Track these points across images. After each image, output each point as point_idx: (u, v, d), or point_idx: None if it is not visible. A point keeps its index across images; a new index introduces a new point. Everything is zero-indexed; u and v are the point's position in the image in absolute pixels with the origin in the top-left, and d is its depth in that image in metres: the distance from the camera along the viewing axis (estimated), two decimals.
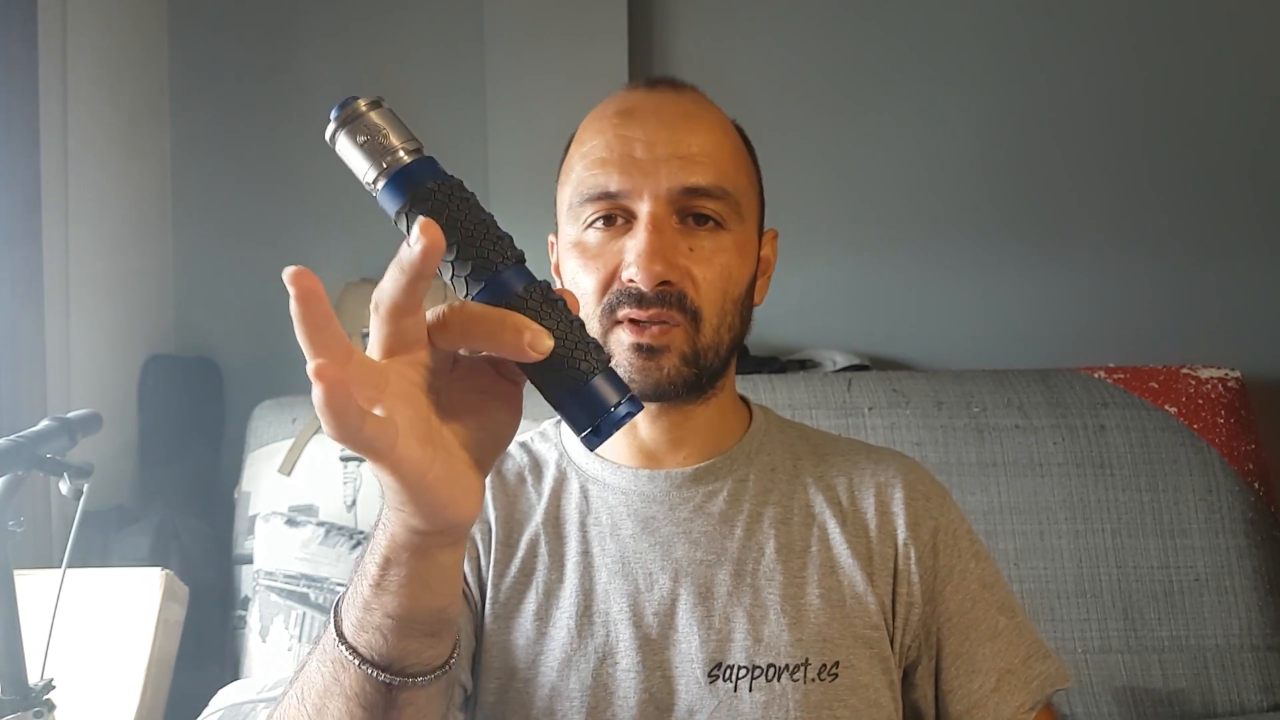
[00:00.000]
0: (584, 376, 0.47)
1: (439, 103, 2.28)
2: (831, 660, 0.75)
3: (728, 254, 0.76)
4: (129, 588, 1.42)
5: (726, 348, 0.78)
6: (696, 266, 0.75)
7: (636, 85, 0.81)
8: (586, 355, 0.47)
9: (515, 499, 0.83)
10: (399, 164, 0.47)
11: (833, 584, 0.79)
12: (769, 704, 0.73)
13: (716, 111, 0.81)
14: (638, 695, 0.74)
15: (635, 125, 0.76)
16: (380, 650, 0.52)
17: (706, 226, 0.76)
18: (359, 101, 0.47)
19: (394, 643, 0.52)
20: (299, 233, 2.28)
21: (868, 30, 2.27)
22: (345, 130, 0.47)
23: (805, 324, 2.17)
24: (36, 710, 1.01)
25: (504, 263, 0.47)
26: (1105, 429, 1.70)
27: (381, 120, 0.47)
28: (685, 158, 0.75)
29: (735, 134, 0.82)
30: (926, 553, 0.82)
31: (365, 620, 0.52)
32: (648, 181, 0.74)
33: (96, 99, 1.93)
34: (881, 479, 0.84)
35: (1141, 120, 2.24)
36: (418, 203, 0.46)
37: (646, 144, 0.75)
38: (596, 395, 0.47)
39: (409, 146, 0.47)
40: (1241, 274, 2.21)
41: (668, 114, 0.77)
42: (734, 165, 0.78)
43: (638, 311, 0.74)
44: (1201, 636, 1.61)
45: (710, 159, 0.76)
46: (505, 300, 0.47)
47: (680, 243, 0.75)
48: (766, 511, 0.81)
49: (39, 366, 1.71)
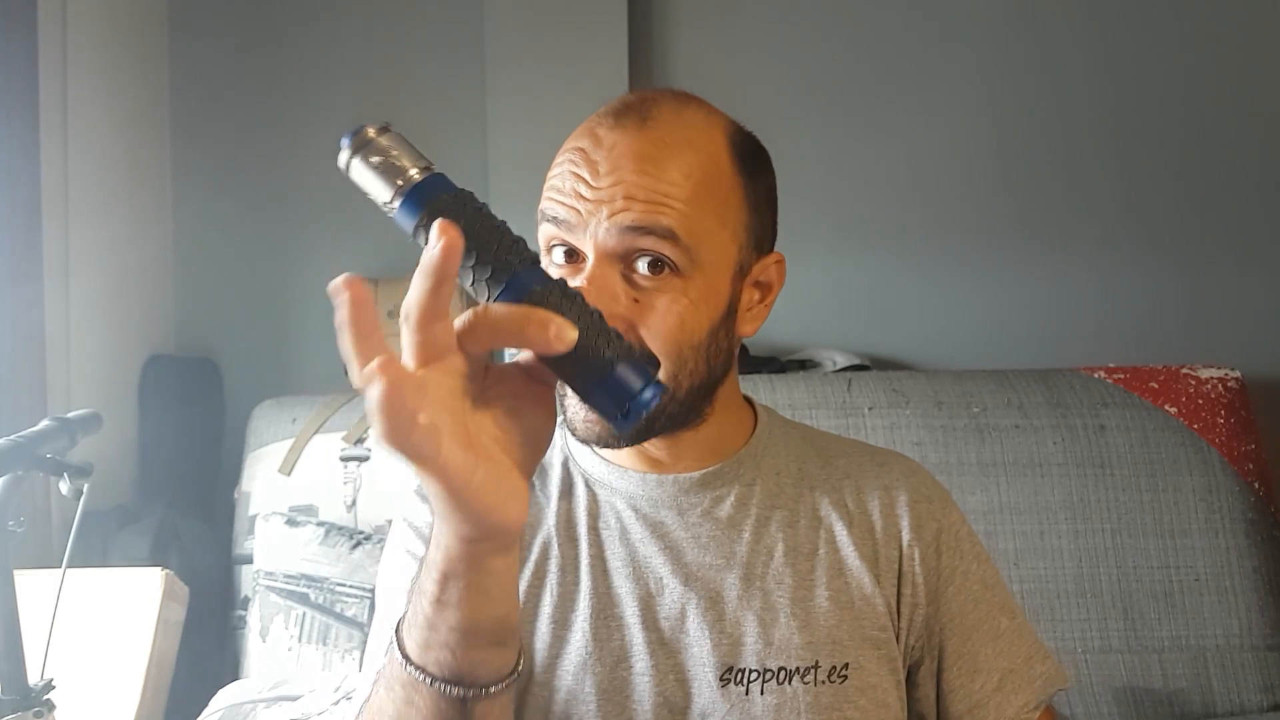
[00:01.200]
0: (609, 364, 0.49)
1: (439, 104, 2.28)
2: (841, 662, 0.76)
3: (680, 303, 0.72)
4: (129, 588, 1.42)
5: (688, 391, 0.75)
6: (640, 316, 0.71)
7: (606, 115, 0.75)
8: (609, 344, 0.50)
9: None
10: (413, 182, 0.49)
11: (841, 586, 0.79)
12: (780, 706, 0.74)
13: (689, 143, 0.74)
14: (653, 699, 0.75)
15: (585, 164, 0.73)
16: (450, 666, 0.53)
17: (662, 275, 0.71)
18: (368, 128, 0.50)
19: (462, 656, 0.52)
20: (299, 233, 2.28)
21: (867, 30, 2.27)
22: (359, 156, 0.50)
23: (805, 324, 2.17)
24: (36, 710, 1.01)
25: (521, 264, 0.49)
26: (1105, 429, 1.70)
27: (391, 143, 0.50)
28: (629, 198, 0.70)
29: (711, 165, 0.74)
30: (930, 554, 0.82)
31: (431, 638, 0.53)
32: (590, 222, 0.71)
33: (96, 99, 1.93)
34: (886, 481, 0.84)
35: (1141, 120, 2.24)
36: (433, 215, 0.48)
37: (593, 186, 0.72)
38: (622, 381, 0.49)
39: (420, 165, 0.50)
40: (1241, 274, 2.21)
41: (622, 156, 0.72)
42: (695, 207, 0.72)
43: None
44: (1201, 636, 1.61)
45: (659, 200, 0.71)
46: (527, 298, 0.49)
47: (621, 294, 0.71)
48: (774, 515, 0.81)
49: (39, 366, 1.71)
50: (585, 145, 0.74)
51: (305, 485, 1.74)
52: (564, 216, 0.72)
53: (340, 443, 1.76)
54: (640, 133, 0.73)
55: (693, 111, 0.77)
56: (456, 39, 2.26)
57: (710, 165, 0.74)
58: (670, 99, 0.77)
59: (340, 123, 2.18)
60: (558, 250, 0.74)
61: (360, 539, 1.64)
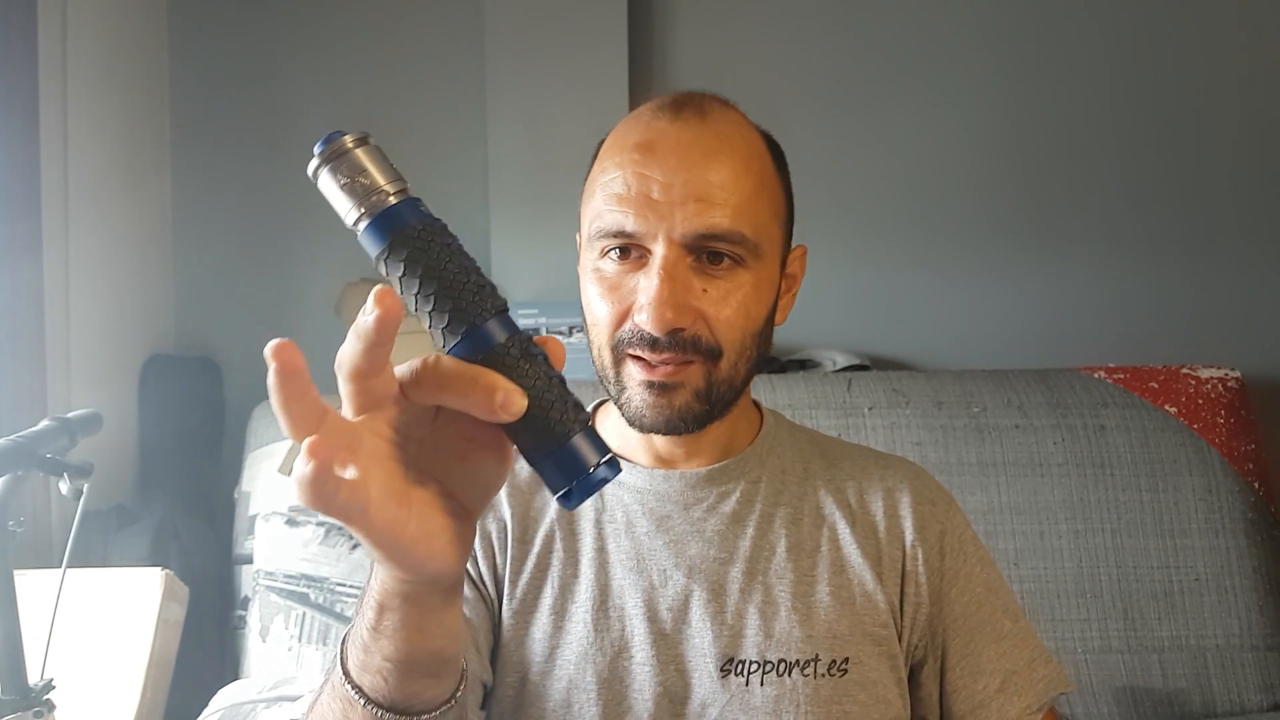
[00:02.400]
0: (560, 438, 0.45)
1: (439, 105, 2.28)
2: (841, 656, 0.77)
3: (744, 291, 0.75)
4: (129, 588, 1.42)
5: (742, 379, 0.78)
6: (711, 307, 0.74)
7: (663, 110, 0.77)
8: (564, 415, 0.45)
9: (530, 497, 0.84)
10: (381, 205, 0.45)
11: (842, 582, 0.80)
12: (780, 698, 0.75)
13: (743, 139, 0.78)
14: (653, 689, 0.76)
15: (654, 163, 0.74)
16: (383, 691, 0.52)
17: (723, 265, 0.74)
18: (345, 138, 0.45)
19: (395, 684, 0.52)
20: (299, 233, 2.28)
21: (867, 31, 2.27)
22: (327, 168, 0.46)
23: (805, 324, 2.17)
24: (36, 710, 1.01)
25: (482, 314, 0.45)
26: (1105, 429, 1.70)
27: (366, 158, 0.45)
28: (701, 200, 0.73)
29: (761, 161, 0.78)
30: (933, 555, 0.83)
31: (367, 662, 0.52)
32: (663, 225, 0.73)
33: (96, 100, 1.93)
34: (889, 484, 0.85)
35: (1141, 121, 2.24)
36: (397, 248, 0.44)
37: (663, 185, 0.73)
38: (574, 456, 0.45)
39: (392, 188, 0.45)
40: (1241, 274, 2.21)
41: (688, 150, 0.74)
42: (754, 203, 0.75)
43: (649, 354, 0.74)
44: (1201, 636, 1.61)
45: (728, 201, 0.73)
46: (483, 353, 0.44)
47: (694, 284, 0.74)
48: (778, 512, 0.82)
49: (39, 366, 1.71)
50: (647, 140, 0.75)
51: None
52: (633, 229, 0.73)
53: None
54: (703, 126, 0.76)
55: (733, 110, 0.80)
56: (456, 39, 2.26)
57: (761, 160, 0.78)
58: (713, 98, 0.80)
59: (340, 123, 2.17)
60: (612, 252, 0.75)
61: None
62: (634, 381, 0.75)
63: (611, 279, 0.76)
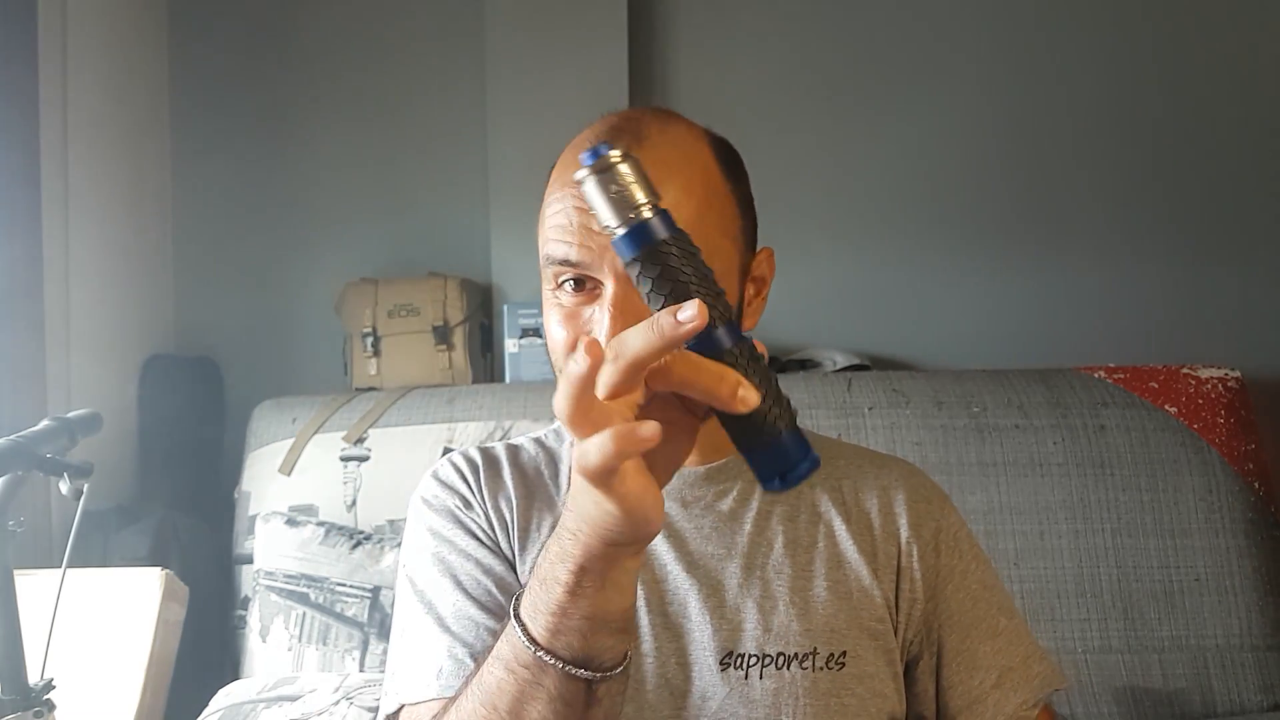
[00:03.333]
0: (777, 432, 0.52)
1: (439, 105, 2.29)
2: (839, 650, 0.78)
3: None
4: (129, 588, 1.42)
5: None
6: None
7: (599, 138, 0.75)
8: (781, 413, 0.52)
9: (535, 488, 0.85)
10: (640, 219, 0.52)
11: (839, 577, 0.81)
12: (779, 691, 0.76)
13: (685, 156, 0.76)
14: (654, 680, 0.77)
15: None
16: (578, 650, 0.57)
17: None
18: (612, 153, 0.52)
19: (590, 641, 0.57)
20: (299, 233, 2.29)
21: (867, 31, 2.27)
22: (598, 178, 0.52)
23: (805, 324, 2.17)
24: (36, 710, 1.01)
25: (719, 319, 0.51)
26: (1105, 429, 1.70)
27: (629, 172, 0.52)
28: None
29: (705, 176, 0.76)
30: (929, 551, 0.84)
31: (562, 624, 0.57)
32: (606, 256, 0.72)
33: (96, 99, 1.93)
34: (885, 482, 0.86)
35: (1141, 121, 2.24)
36: (651, 256, 0.52)
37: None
38: (785, 451, 0.52)
39: (650, 202, 0.52)
40: (1241, 274, 2.21)
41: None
42: (700, 226, 0.72)
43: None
44: (1201, 636, 1.61)
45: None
46: (717, 354, 0.51)
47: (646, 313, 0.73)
48: (774, 510, 0.83)
49: (39, 366, 1.71)
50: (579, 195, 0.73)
51: (305, 485, 1.74)
52: (577, 259, 0.73)
53: (340, 442, 1.75)
54: (640, 154, 0.73)
55: (676, 127, 0.78)
56: (457, 41, 2.26)
57: (706, 178, 0.76)
58: (653, 117, 0.78)
59: (340, 122, 2.20)
60: (567, 283, 0.75)
61: (360, 539, 1.64)
62: None
63: (568, 309, 0.76)
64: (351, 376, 2.10)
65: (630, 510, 0.52)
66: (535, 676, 0.58)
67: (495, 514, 0.83)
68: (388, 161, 2.29)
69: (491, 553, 0.81)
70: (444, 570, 0.80)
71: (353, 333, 2.10)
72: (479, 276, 2.19)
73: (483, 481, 0.85)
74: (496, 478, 0.85)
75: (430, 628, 0.77)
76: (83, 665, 1.33)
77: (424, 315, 2.07)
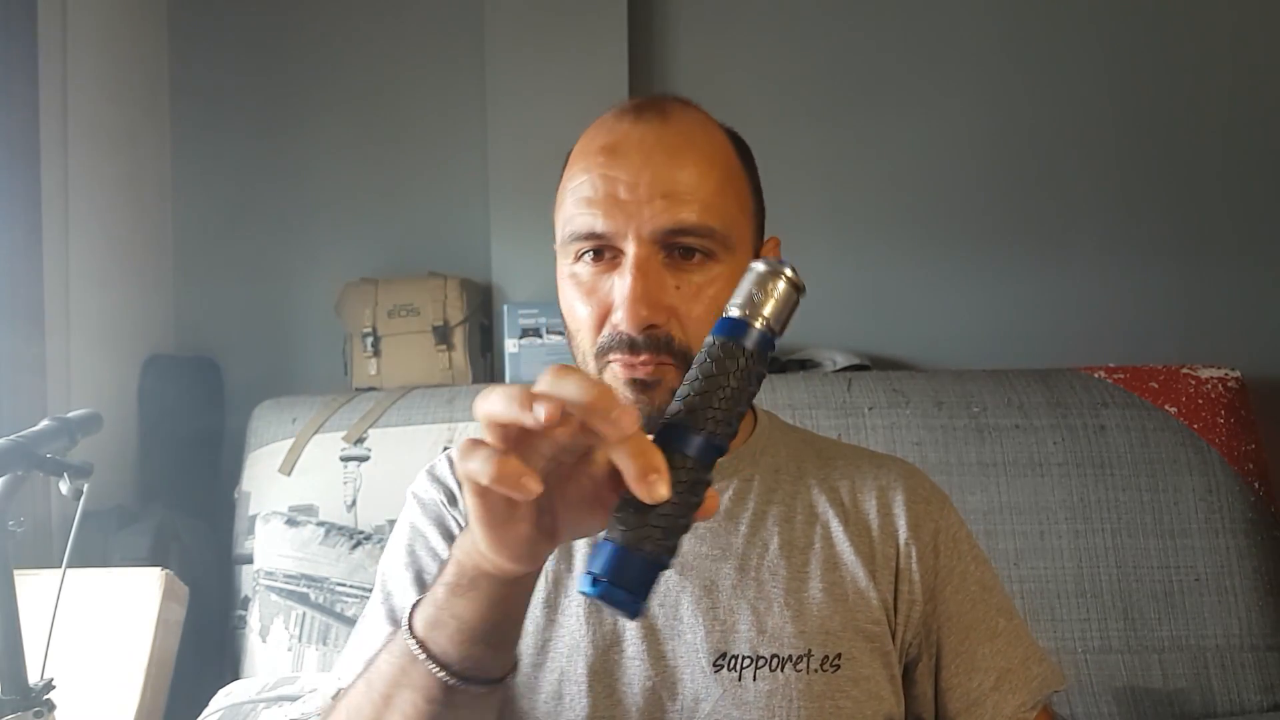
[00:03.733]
0: (640, 549, 0.50)
1: (439, 104, 2.28)
2: (834, 652, 0.77)
3: (716, 285, 0.76)
4: (129, 588, 1.42)
5: None
6: (684, 304, 0.75)
7: (624, 114, 0.79)
8: (662, 542, 0.50)
9: None
10: (750, 322, 0.54)
11: (835, 579, 0.80)
12: (772, 693, 0.75)
13: (706, 134, 0.80)
14: (643, 683, 0.76)
15: (619, 165, 0.76)
16: (447, 650, 0.57)
17: (694, 260, 0.76)
18: (789, 270, 0.55)
19: (460, 646, 0.57)
20: (299, 233, 2.28)
21: (867, 31, 2.27)
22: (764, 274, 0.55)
23: (805, 324, 2.15)
24: (36, 710, 1.01)
25: (702, 427, 0.52)
26: (1105, 429, 1.70)
27: (784, 293, 0.55)
28: (668, 197, 0.74)
29: (726, 156, 0.80)
30: (928, 553, 0.83)
31: (437, 619, 0.57)
32: (631, 223, 0.74)
33: (96, 99, 1.93)
34: (883, 482, 0.86)
35: (1141, 120, 2.24)
36: (727, 351, 0.54)
37: (629, 185, 0.75)
38: (634, 570, 0.50)
39: (771, 322, 0.55)
40: (1241, 274, 2.21)
41: (652, 150, 0.76)
42: (721, 197, 0.77)
43: (629, 357, 0.75)
44: (1201, 636, 1.61)
45: (695, 196, 0.75)
46: (672, 451, 0.51)
47: (667, 281, 0.75)
48: (771, 510, 0.83)
49: (39, 366, 1.71)
50: (612, 143, 0.77)
51: (305, 485, 1.74)
52: (602, 229, 0.75)
53: (340, 443, 1.75)
54: (665, 126, 0.78)
55: (698, 111, 0.82)
56: (457, 41, 2.26)
57: (725, 158, 0.79)
58: (675, 100, 0.82)
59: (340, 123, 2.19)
60: (586, 255, 0.77)
61: (360, 539, 1.64)
62: (618, 382, 0.76)
63: (588, 283, 0.77)
64: (351, 376, 2.10)
65: (485, 538, 0.52)
66: (406, 666, 0.59)
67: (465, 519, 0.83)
68: (388, 161, 2.29)
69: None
70: (410, 564, 0.81)
71: (353, 333, 2.10)
72: (479, 276, 2.19)
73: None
74: None
75: (381, 618, 0.80)
76: (83, 665, 1.33)
77: (424, 315, 2.07)
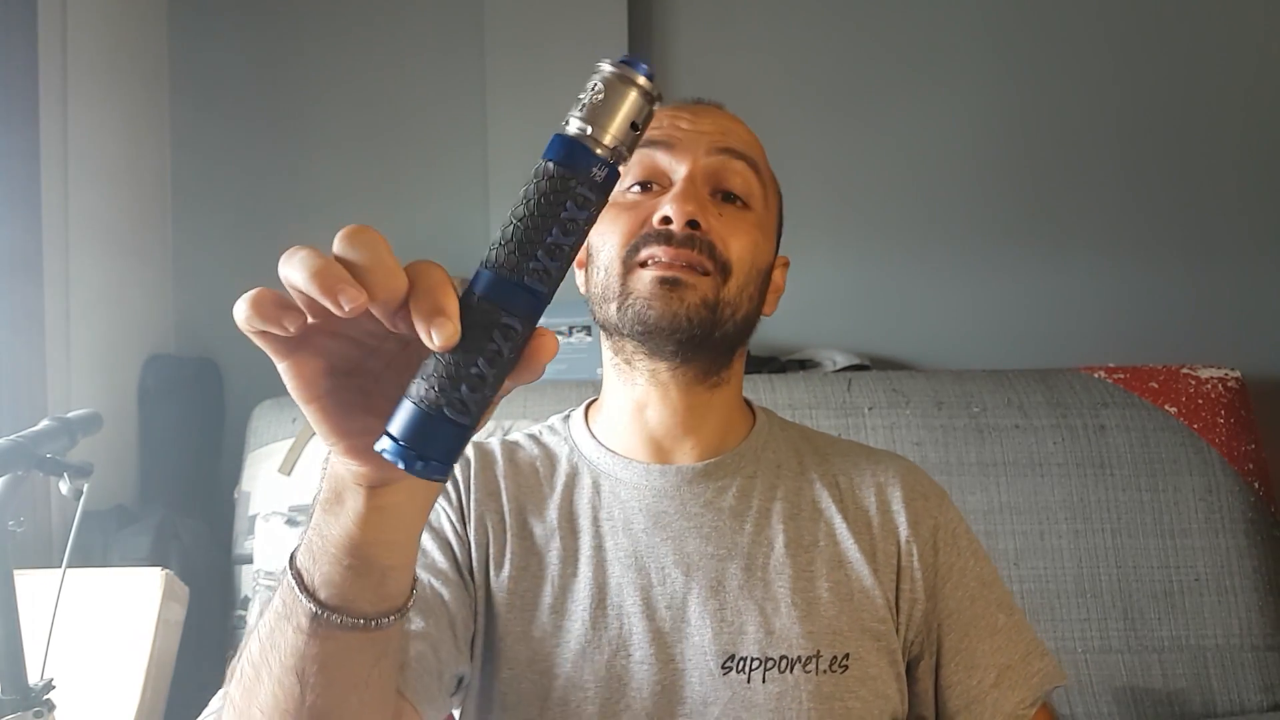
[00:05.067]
0: (428, 401, 0.42)
1: (439, 103, 2.28)
2: (842, 652, 0.77)
3: (754, 230, 0.81)
4: (129, 588, 1.42)
5: (744, 316, 0.81)
6: (725, 230, 0.79)
7: (683, 106, 0.87)
8: (450, 391, 0.42)
9: (529, 490, 0.84)
10: (589, 143, 0.46)
11: (841, 578, 0.80)
12: (782, 695, 0.75)
13: (752, 133, 0.88)
14: (651, 687, 0.76)
15: (682, 117, 0.83)
16: (312, 576, 0.51)
17: (735, 204, 0.81)
18: (644, 80, 0.47)
19: (325, 569, 0.50)
20: (299, 233, 2.27)
21: (866, 31, 2.27)
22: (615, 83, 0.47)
23: (805, 324, 2.17)
24: (36, 710, 1.01)
25: (515, 272, 0.44)
26: (1105, 429, 1.70)
27: (636, 107, 0.47)
28: (726, 133, 0.83)
29: (763, 151, 0.87)
30: (928, 550, 0.83)
31: (309, 541, 0.51)
32: (688, 149, 0.80)
33: (96, 99, 1.93)
34: (881, 478, 0.86)
35: (1141, 120, 2.24)
36: (565, 177, 0.45)
37: (691, 121, 0.83)
38: (416, 426, 0.42)
39: (619, 147, 0.46)
40: (1241, 274, 2.21)
41: (708, 113, 0.85)
42: (761, 161, 0.85)
43: (664, 250, 0.76)
44: (1201, 636, 1.61)
45: (745, 144, 0.83)
46: (479, 296, 0.44)
47: (711, 207, 0.79)
48: (775, 507, 0.83)
49: (39, 366, 1.71)
50: (673, 111, 0.84)
51: (305, 485, 1.74)
52: (663, 157, 0.81)
53: None
54: (719, 112, 0.87)
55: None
56: (457, 39, 2.26)
57: (762, 150, 0.86)
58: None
59: (340, 122, 2.19)
60: (634, 188, 0.82)
61: None
62: (645, 281, 0.77)
63: (629, 204, 0.81)
64: None
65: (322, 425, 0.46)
66: (288, 599, 0.52)
67: (478, 530, 0.82)
68: (388, 161, 2.28)
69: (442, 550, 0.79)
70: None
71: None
72: None
73: (472, 476, 0.84)
74: (488, 472, 0.85)
75: None
76: (83, 665, 1.33)
77: None
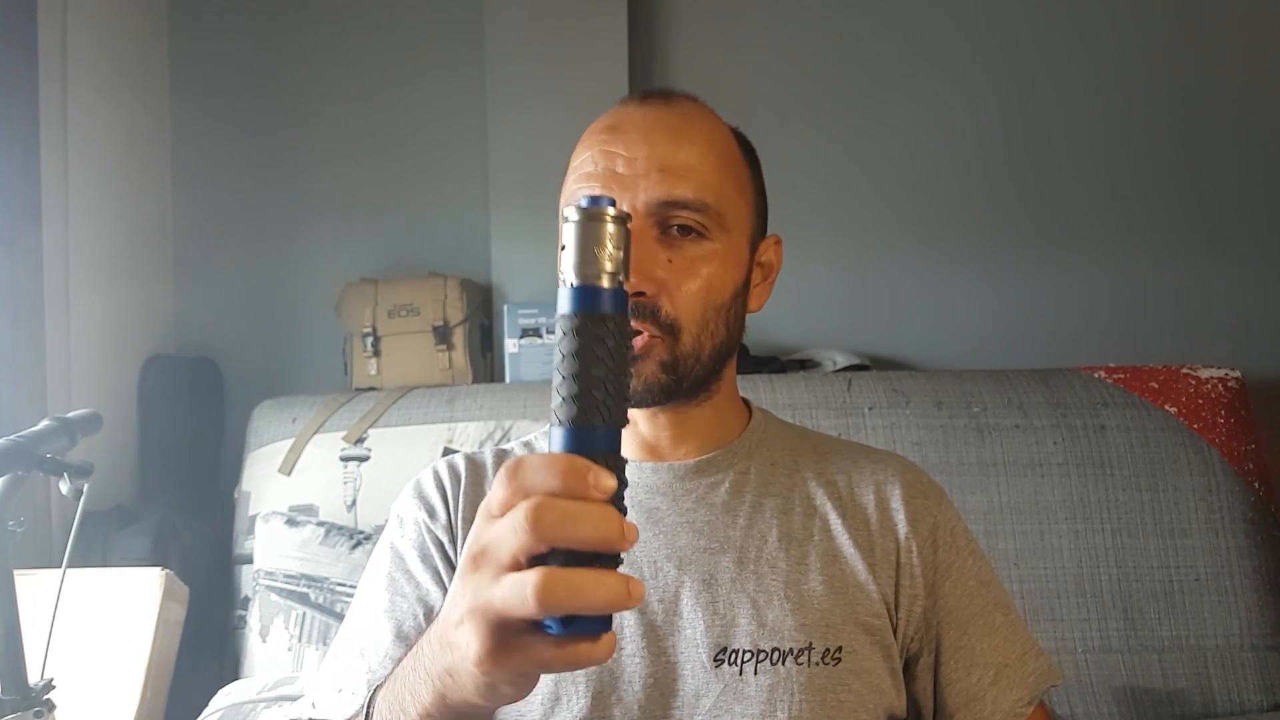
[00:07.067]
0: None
1: (439, 104, 2.28)
2: (835, 645, 0.77)
3: (710, 264, 0.78)
4: (129, 588, 1.42)
5: (710, 354, 0.80)
6: (674, 277, 0.77)
7: (631, 98, 0.83)
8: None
9: None
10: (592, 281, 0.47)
11: (835, 572, 0.80)
12: (774, 687, 0.75)
13: (708, 122, 0.82)
14: (643, 680, 0.76)
15: (619, 141, 0.78)
16: None
17: (689, 237, 0.78)
18: (610, 209, 0.47)
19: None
20: (299, 233, 2.29)
21: (867, 31, 2.27)
22: (584, 224, 0.47)
23: (805, 324, 2.17)
24: (36, 710, 1.01)
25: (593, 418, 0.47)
26: (1105, 429, 1.70)
27: (615, 235, 0.47)
28: (665, 170, 0.77)
29: (726, 143, 0.82)
30: (927, 548, 0.84)
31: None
32: (627, 195, 0.76)
33: (96, 99, 1.93)
34: (880, 477, 0.86)
35: (1141, 120, 2.24)
36: (587, 325, 0.46)
37: (628, 160, 0.77)
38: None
39: (616, 273, 0.47)
40: (1241, 274, 2.21)
41: (652, 128, 0.79)
42: (719, 177, 0.79)
43: None
44: (1201, 636, 1.61)
45: (691, 172, 0.77)
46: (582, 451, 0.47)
47: (659, 254, 0.77)
48: (768, 502, 0.83)
49: (39, 366, 1.71)
50: (614, 123, 0.80)
51: (305, 485, 1.74)
52: (602, 175, 0.77)
53: (340, 442, 1.75)
54: (667, 109, 0.81)
55: (700, 102, 0.85)
56: (457, 41, 2.26)
57: (726, 145, 0.82)
58: (681, 91, 0.85)
59: (340, 122, 2.19)
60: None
61: (360, 539, 1.64)
62: None
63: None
64: (351, 376, 2.10)
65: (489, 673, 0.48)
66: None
67: (464, 527, 0.82)
68: (388, 161, 2.29)
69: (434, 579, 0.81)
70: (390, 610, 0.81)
71: (352, 333, 2.10)
72: (479, 276, 2.19)
73: (462, 491, 0.84)
74: (478, 486, 0.85)
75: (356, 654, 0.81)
76: (83, 665, 1.33)
77: (424, 315, 2.07)
